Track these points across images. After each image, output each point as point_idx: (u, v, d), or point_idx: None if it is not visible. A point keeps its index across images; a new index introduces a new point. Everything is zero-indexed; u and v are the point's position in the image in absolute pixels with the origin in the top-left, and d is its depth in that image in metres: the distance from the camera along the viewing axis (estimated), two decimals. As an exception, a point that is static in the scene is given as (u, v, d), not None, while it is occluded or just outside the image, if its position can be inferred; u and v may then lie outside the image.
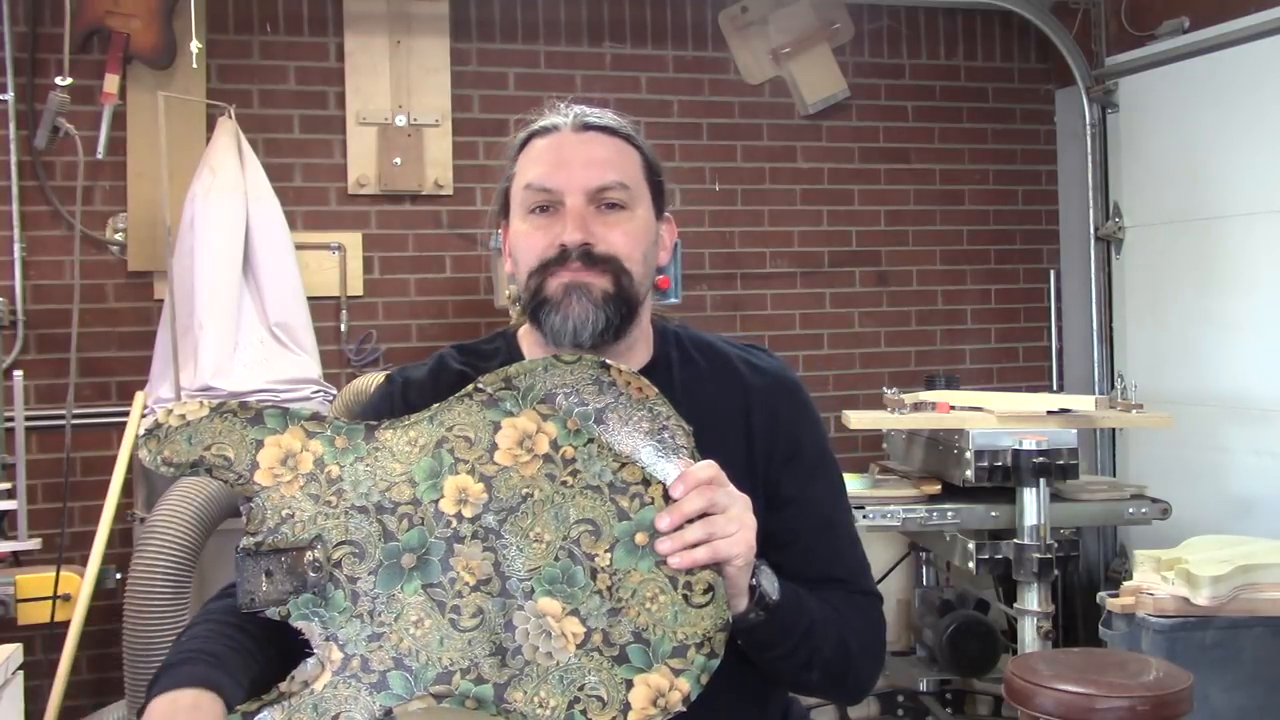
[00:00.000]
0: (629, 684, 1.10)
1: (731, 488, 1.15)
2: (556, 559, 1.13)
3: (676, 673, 1.10)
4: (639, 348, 1.37)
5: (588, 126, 1.31)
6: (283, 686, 1.10)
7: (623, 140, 1.32)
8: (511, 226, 1.35)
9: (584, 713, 1.09)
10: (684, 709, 1.09)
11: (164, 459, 1.12)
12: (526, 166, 1.32)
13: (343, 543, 1.12)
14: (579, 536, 1.13)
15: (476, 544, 1.13)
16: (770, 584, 1.21)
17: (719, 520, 1.12)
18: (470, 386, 1.16)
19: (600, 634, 1.11)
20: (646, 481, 1.14)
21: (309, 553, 1.11)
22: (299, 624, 1.10)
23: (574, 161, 1.28)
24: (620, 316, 1.28)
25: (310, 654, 1.11)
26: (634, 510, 1.13)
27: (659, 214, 1.36)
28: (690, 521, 1.11)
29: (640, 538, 1.13)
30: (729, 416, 1.36)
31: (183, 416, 1.13)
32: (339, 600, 1.11)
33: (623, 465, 1.14)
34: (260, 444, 1.13)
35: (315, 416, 1.15)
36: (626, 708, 1.09)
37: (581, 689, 1.10)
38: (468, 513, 1.14)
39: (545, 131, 1.32)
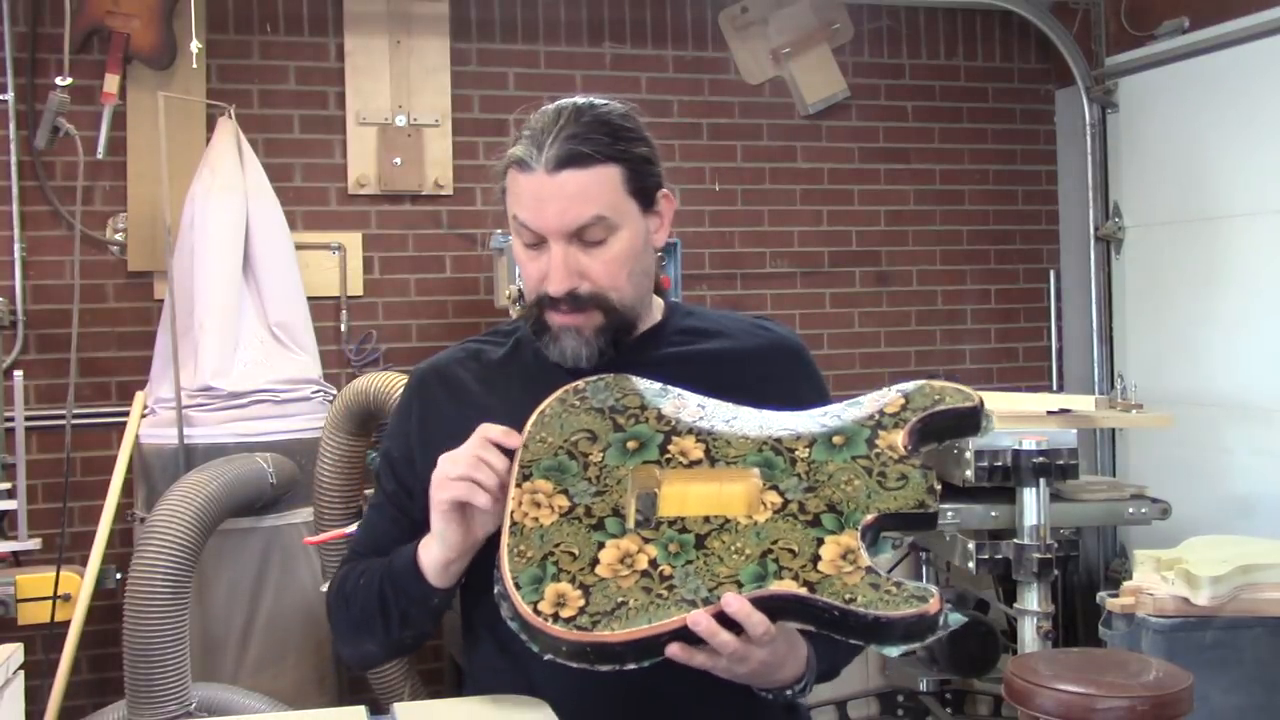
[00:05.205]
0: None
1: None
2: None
3: None
4: (644, 321, 1.45)
5: (560, 165, 1.29)
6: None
7: (599, 163, 1.30)
8: (511, 241, 1.41)
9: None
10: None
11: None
12: (513, 195, 1.34)
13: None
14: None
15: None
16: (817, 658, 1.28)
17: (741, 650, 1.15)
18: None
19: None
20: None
21: None
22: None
23: (550, 206, 1.30)
24: (615, 337, 1.36)
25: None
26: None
27: (649, 206, 1.37)
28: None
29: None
30: (729, 366, 1.43)
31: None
32: None
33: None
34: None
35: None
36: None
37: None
38: None
39: (525, 167, 1.31)
